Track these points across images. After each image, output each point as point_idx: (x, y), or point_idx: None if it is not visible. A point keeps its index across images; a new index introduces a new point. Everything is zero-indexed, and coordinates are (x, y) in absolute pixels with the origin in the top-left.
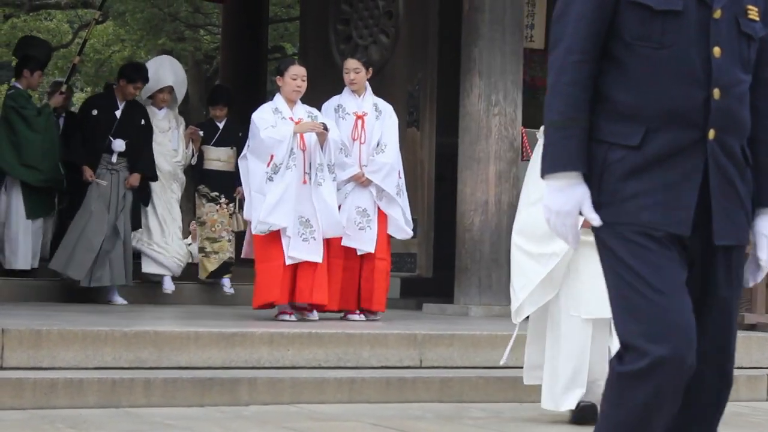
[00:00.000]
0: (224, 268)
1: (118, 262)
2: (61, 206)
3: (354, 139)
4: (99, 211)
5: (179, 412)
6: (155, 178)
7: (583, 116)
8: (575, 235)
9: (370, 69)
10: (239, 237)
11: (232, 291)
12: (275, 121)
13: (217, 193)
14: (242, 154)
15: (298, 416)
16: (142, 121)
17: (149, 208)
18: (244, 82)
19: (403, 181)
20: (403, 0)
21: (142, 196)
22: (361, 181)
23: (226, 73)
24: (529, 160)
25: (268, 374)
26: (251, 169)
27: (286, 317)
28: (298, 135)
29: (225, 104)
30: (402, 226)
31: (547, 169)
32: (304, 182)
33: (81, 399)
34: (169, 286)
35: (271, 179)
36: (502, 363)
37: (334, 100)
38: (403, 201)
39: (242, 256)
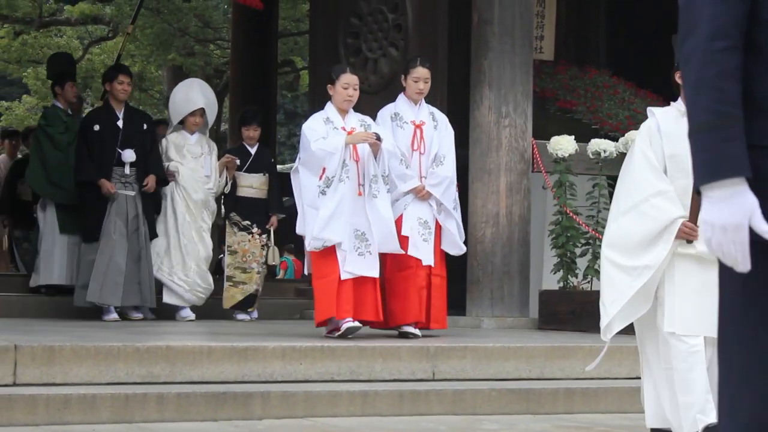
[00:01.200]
0: (249, 301)
1: (144, 282)
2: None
3: (414, 149)
4: (120, 232)
5: (193, 427)
6: (167, 182)
7: (739, 113)
8: (746, 254)
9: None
10: (270, 270)
11: (254, 316)
12: (326, 131)
13: (249, 222)
14: (294, 167)
15: (311, 430)
16: (145, 126)
17: (172, 238)
18: (254, 96)
19: (458, 194)
20: (412, 13)
21: (155, 204)
22: (421, 195)
23: (236, 88)
24: (539, 172)
25: (281, 388)
26: (303, 182)
27: (336, 334)
28: (351, 146)
29: (259, 124)
30: (457, 241)
31: (706, 178)
32: (359, 194)
33: (94, 415)
34: (187, 314)
35: (323, 193)
36: (587, 369)
37: (390, 108)
38: (458, 216)
39: (306, 272)
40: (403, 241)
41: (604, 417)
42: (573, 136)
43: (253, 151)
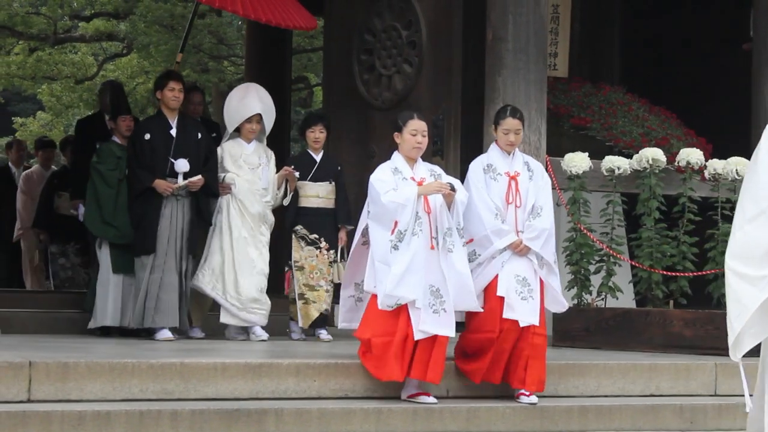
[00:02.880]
0: (320, 320)
1: (184, 302)
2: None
3: (509, 202)
4: (170, 250)
5: None
6: (217, 195)
7: None
8: None
9: (524, 125)
10: (338, 288)
11: (330, 338)
12: (395, 182)
13: (316, 236)
14: (361, 221)
15: None
16: (199, 135)
17: (227, 254)
18: None
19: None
20: (426, 30)
21: (205, 216)
22: (519, 250)
23: None
24: (553, 189)
25: (295, 405)
26: (373, 237)
27: (424, 398)
28: (423, 197)
29: (326, 126)
30: (559, 298)
31: None
32: (432, 248)
33: (109, 431)
34: (261, 333)
35: (396, 248)
36: (747, 410)
37: (482, 159)
38: (558, 269)
39: (340, 324)
40: (498, 302)
41: None
42: (587, 153)
43: (318, 157)
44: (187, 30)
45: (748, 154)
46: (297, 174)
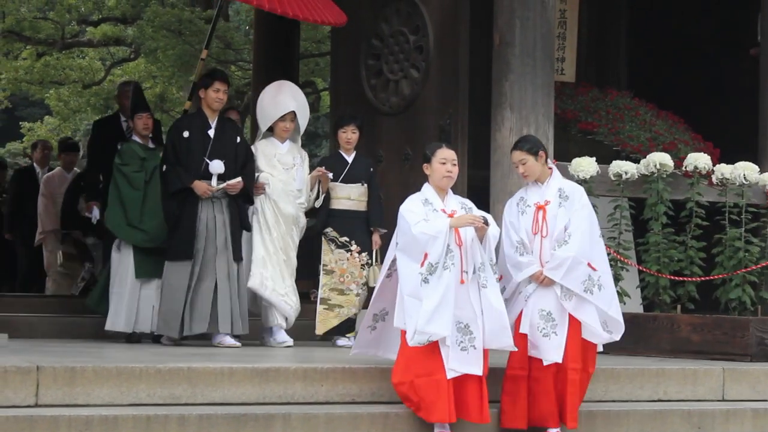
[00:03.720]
0: (346, 325)
1: (235, 307)
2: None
3: (534, 233)
4: (209, 254)
5: None
6: (251, 201)
7: None
8: None
9: (541, 153)
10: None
11: (351, 344)
12: (426, 213)
13: (347, 239)
14: (389, 252)
15: None
16: (238, 139)
17: (272, 253)
18: None
19: (601, 273)
20: (433, 34)
21: (242, 221)
22: (540, 282)
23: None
24: None
25: (303, 410)
26: (401, 269)
27: None
28: (454, 230)
29: (358, 126)
30: (594, 330)
31: None
32: (461, 282)
33: None
34: (284, 338)
35: (426, 281)
36: None
37: (518, 194)
38: (601, 296)
39: (352, 352)
40: (523, 339)
41: None
42: (594, 158)
43: (350, 159)
44: (213, 26)
45: (755, 159)
46: (330, 175)
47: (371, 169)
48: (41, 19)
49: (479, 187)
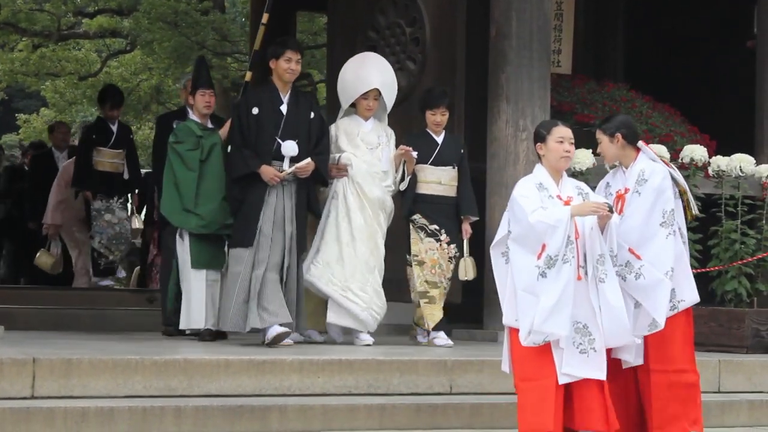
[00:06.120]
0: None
1: (291, 302)
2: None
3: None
4: (276, 242)
5: None
6: (326, 183)
7: None
8: None
9: (617, 135)
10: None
11: (450, 342)
12: (541, 199)
13: (437, 227)
14: (495, 241)
15: None
16: (312, 114)
17: (345, 244)
18: None
19: (646, 263)
20: (430, 26)
21: (314, 206)
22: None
23: None
24: None
25: (299, 401)
26: (515, 261)
27: None
28: (572, 219)
29: (447, 107)
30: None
31: None
32: (579, 278)
33: (112, 428)
34: (366, 338)
35: (544, 275)
36: None
37: (605, 179)
38: (637, 285)
39: (504, 368)
40: None
41: None
42: (590, 150)
43: (439, 139)
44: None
45: (751, 151)
46: (415, 154)
47: (462, 151)
48: (37, 11)
49: (476, 179)
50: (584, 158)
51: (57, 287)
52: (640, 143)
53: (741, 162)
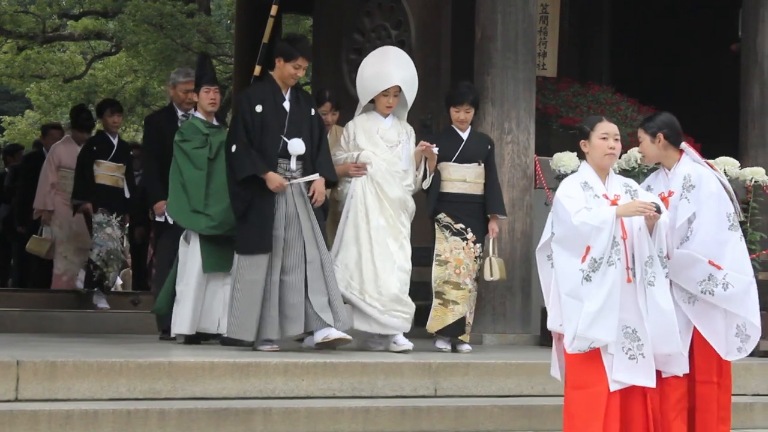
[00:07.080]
0: (459, 327)
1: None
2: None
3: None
4: (290, 244)
5: None
6: (336, 182)
7: None
8: None
9: (659, 135)
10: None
11: (469, 348)
12: (586, 199)
13: (462, 225)
14: (541, 244)
15: None
16: (312, 111)
17: (364, 246)
18: None
19: (728, 271)
20: (415, 29)
21: (323, 206)
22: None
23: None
24: (542, 188)
25: (283, 404)
26: (558, 264)
27: None
28: (619, 219)
29: (472, 105)
30: (719, 343)
31: None
32: (628, 281)
33: (96, 430)
34: (404, 343)
35: (588, 279)
36: None
37: (646, 182)
38: (728, 297)
39: (554, 374)
40: None
41: None
42: (575, 153)
43: (465, 135)
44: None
45: (736, 154)
46: (436, 151)
47: (489, 147)
48: (22, 13)
49: None
50: (569, 161)
51: (42, 290)
52: (684, 144)
53: (725, 165)
